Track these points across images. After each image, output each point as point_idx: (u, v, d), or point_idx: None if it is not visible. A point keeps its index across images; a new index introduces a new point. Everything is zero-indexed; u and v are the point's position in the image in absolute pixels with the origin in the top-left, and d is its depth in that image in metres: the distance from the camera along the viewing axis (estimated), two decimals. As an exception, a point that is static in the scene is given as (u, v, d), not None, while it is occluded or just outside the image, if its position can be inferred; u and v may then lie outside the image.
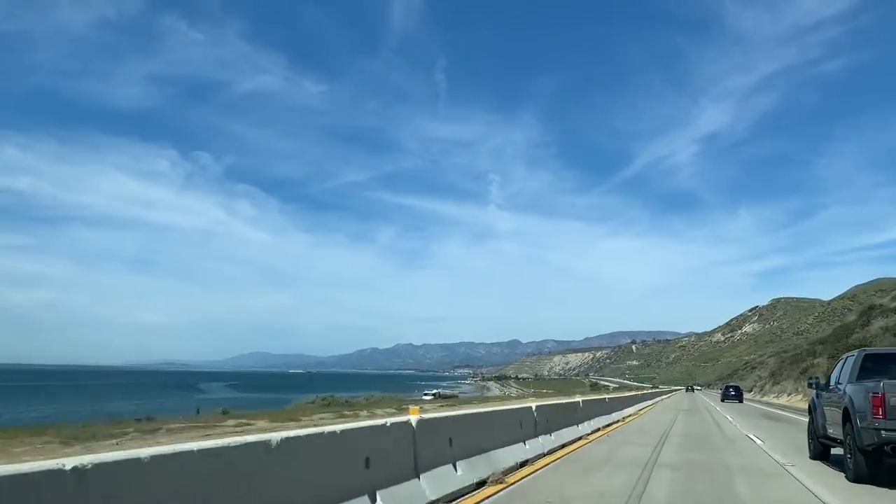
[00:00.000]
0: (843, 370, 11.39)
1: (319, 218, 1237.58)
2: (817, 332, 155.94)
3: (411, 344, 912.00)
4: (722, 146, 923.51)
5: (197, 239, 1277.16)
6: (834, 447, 11.56)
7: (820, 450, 12.40)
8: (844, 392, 10.34)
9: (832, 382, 11.86)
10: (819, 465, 11.74)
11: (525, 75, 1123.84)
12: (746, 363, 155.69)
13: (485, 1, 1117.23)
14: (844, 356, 12.17)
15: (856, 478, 9.58)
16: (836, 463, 11.48)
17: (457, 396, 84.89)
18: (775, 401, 56.64)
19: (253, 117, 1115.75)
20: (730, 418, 27.07)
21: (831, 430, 11.30)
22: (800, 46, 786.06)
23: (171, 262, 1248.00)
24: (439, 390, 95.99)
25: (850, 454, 9.81)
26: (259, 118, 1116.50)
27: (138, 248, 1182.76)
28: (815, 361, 55.64)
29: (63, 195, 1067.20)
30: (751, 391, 76.35)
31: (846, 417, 9.94)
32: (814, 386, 13.11)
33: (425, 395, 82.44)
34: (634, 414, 28.66)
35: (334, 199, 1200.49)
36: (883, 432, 8.97)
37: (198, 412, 24.87)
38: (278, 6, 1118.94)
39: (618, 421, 22.49)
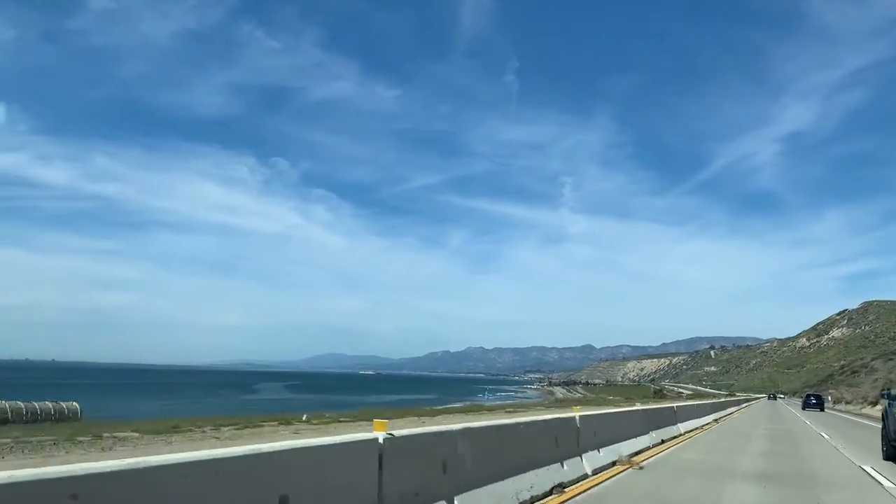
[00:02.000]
0: None
1: (391, 222, 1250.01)
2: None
3: (482, 347, 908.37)
4: (806, 145, 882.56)
5: (275, 243, 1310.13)
6: None
7: (892, 452, 13.74)
8: None
9: None
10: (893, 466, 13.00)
11: (599, 75, 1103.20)
12: (843, 367, 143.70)
13: (557, 1, 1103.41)
14: None
15: None
16: None
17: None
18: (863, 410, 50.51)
19: (327, 123, 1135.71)
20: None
21: None
22: (889, 39, 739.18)
23: (251, 266, 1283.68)
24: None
25: None
26: (333, 124, 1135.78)
27: (219, 252, 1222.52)
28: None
29: (149, 201, 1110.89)
30: (850, 402, 68.30)
31: None
32: (886, 396, 14.78)
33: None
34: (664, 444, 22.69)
35: (406, 203, 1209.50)
36: None
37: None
38: (352, 13, 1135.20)
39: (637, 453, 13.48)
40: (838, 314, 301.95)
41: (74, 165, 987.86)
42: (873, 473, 11.98)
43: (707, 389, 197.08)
